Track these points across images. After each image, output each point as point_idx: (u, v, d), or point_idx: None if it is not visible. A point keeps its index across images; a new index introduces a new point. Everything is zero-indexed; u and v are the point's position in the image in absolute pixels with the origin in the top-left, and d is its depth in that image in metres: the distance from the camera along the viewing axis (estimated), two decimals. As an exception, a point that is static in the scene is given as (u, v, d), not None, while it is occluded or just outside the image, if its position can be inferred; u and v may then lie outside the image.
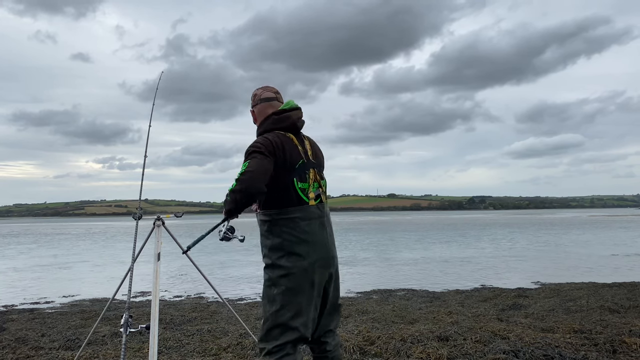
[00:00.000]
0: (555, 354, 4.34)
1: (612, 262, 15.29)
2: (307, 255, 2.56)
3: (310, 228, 2.58)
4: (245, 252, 21.89)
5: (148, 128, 3.78)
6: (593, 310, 6.73)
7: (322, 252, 2.61)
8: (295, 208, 2.58)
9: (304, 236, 2.57)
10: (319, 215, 2.64)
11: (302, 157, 2.65)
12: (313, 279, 2.57)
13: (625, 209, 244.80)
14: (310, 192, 2.63)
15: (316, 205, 2.63)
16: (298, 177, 2.61)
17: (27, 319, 7.43)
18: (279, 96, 2.84)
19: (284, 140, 2.62)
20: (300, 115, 2.74)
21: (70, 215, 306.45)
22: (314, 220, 2.60)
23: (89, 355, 4.72)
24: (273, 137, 2.59)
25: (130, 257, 3.43)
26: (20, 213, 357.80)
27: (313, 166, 2.69)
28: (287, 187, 2.58)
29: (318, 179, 2.70)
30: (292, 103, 2.76)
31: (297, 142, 2.68)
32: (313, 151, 2.75)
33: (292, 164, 2.59)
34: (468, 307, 7.43)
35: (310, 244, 2.57)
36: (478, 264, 15.27)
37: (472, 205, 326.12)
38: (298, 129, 2.73)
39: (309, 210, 2.59)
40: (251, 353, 4.71)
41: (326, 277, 2.64)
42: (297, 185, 2.59)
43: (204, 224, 74.44)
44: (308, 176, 2.64)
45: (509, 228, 42.38)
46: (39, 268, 16.73)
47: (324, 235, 2.64)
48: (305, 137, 2.78)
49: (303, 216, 2.58)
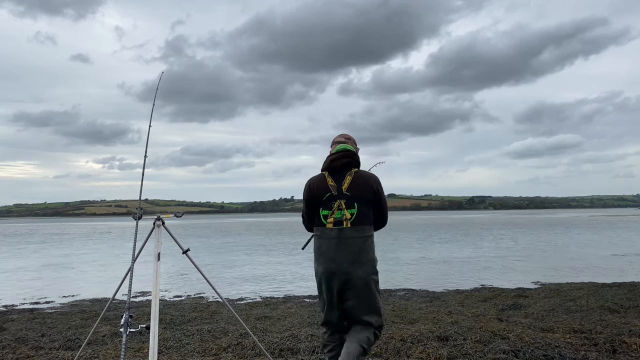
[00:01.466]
0: (555, 354, 4.34)
1: (612, 262, 15.29)
2: (319, 264, 3.38)
3: (324, 245, 3.35)
4: (246, 252, 21.90)
5: (148, 128, 3.78)
6: (593, 310, 6.73)
7: (329, 265, 3.31)
8: (318, 228, 3.42)
9: (319, 250, 3.39)
10: (334, 237, 3.31)
11: (330, 191, 3.39)
12: (321, 282, 3.38)
13: (625, 209, 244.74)
14: (330, 217, 3.35)
15: (332, 229, 3.33)
16: (323, 206, 3.39)
17: (27, 319, 7.43)
18: (342, 143, 3.56)
19: (319, 179, 3.47)
20: (336, 158, 3.45)
21: (70, 215, 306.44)
22: (330, 240, 3.32)
23: (89, 355, 4.73)
24: (311, 180, 3.51)
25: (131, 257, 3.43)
26: (20, 213, 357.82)
27: (342, 198, 3.35)
28: (316, 213, 3.43)
29: (343, 207, 3.33)
30: (339, 148, 3.50)
31: (331, 179, 3.41)
32: (351, 185, 3.37)
33: (319, 197, 3.41)
34: (468, 307, 7.43)
35: (323, 257, 3.35)
36: (478, 264, 15.27)
37: (472, 206, 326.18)
38: (334, 170, 3.45)
39: (325, 232, 3.35)
40: (251, 353, 4.71)
41: (336, 285, 3.30)
42: (321, 212, 3.40)
43: (204, 224, 74.45)
44: (332, 205, 3.36)
45: (509, 228, 42.38)
46: (46, 268, 16.73)
47: (336, 253, 3.29)
48: (349, 174, 3.41)
49: (321, 235, 3.39)
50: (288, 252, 21.78)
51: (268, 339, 5.12)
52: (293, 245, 26.21)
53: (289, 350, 4.77)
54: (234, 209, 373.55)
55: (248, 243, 28.70)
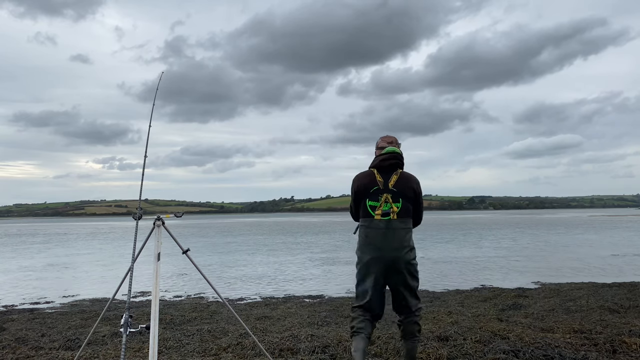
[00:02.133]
0: (555, 354, 4.34)
1: (612, 262, 15.29)
2: (365, 252, 3.70)
3: (372, 234, 3.68)
4: (246, 253, 21.90)
5: (148, 128, 3.78)
6: (593, 310, 6.72)
7: (377, 252, 3.65)
8: (365, 219, 3.74)
9: (367, 240, 3.70)
10: (382, 227, 3.67)
11: (377, 185, 3.74)
12: (368, 270, 3.70)
13: (625, 209, 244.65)
14: (378, 209, 3.69)
15: (381, 220, 3.68)
16: (370, 198, 3.73)
17: (27, 319, 7.43)
18: (389, 145, 3.90)
19: (367, 174, 3.83)
20: (385, 158, 3.80)
21: (71, 215, 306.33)
22: (377, 230, 3.67)
23: (89, 355, 4.73)
24: (360, 174, 3.88)
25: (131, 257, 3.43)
26: (20, 213, 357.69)
27: (388, 192, 3.72)
28: (363, 205, 3.76)
29: (390, 201, 3.70)
30: (389, 150, 3.84)
31: (379, 175, 3.78)
32: (397, 183, 3.75)
33: (366, 190, 3.75)
34: (468, 307, 7.43)
35: (370, 246, 3.68)
36: (478, 264, 15.27)
37: (472, 205, 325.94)
38: (382, 168, 3.81)
39: (374, 222, 3.69)
40: (251, 353, 4.71)
41: (382, 272, 3.67)
42: (367, 203, 3.73)
43: (204, 224, 74.44)
44: (380, 198, 3.71)
45: (509, 228, 42.39)
46: (50, 268, 16.73)
47: (383, 242, 3.65)
48: (395, 173, 3.78)
49: (369, 225, 3.71)
50: (288, 252, 21.78)
51: (268, 339, 5.11)
52: (294, 245, 26.22)
53: (289, 350, 4.77)
54: (234, 209, 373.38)
55: (248, 243, 28.70)
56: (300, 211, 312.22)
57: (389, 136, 4.02)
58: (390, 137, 4.01)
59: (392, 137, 4.01)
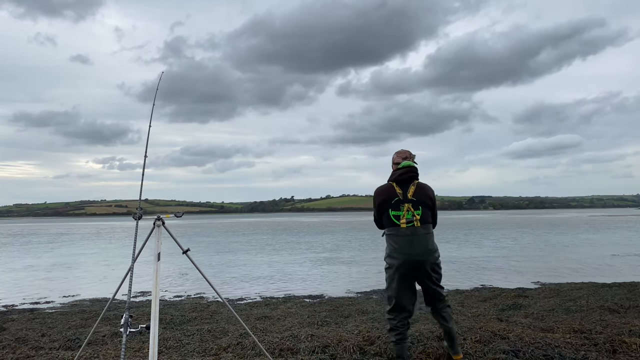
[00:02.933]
0: (555, 354, 4.35)
1: (612, 262, 15.29)
2: (396, 258, 4.10)
3: (400, 241, 4.09)
4: (246, 253, 21.90)
5: (148, 128, 3.78)
6: (593, 310, 6.72)
7: (407, 257, 4.07)
8: (392, 228, 4.15)
9: (396, 247, 4.10)
10: (408, 234, 4.08)
11: (397, 196, 4.16)
12: (400, 272, 4.09)
13: (625, 209, 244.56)
14: (402, 218, 4.11)
15: (407, 228, 4.09)
16: (392, 208, 4.15)
17: (27, 319, 7.43)
18: (405, 159, 4.32)
19: (387, 187, 4.27)
20: (402, 172, 4.23)
21: (71, 215, 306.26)
22: (404, 237, 4.09)
23: (89, 355, 4.73)
24: (381, 187, 4.32)
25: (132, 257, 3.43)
26: (20, 213, 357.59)
27: (408, 202, 4.15)
28: (386, 215, 4.18)
29: (412, 210, 4.12)
30: (405, 164, 4.26)
31: (398, 187, 4.21)
32: (415, 193, 4.18)
33: (388, 201, 4.18)
34: (468, 307, 7.43)
35: (400, 252, 4.08)
36: (478, 264, 15.27)
37: (472, 205, 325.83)
38: (401, 181, 4.24)
39: (400, 230, 4.10)
40: (251, 353, 4.71)
41: (412, 272, 4.10)
42: (390, 213, 4.15)
43: (204, 224, 74.44)
44: (402, 208, 4.13)
45: (509, 228, 42.38)
46: (55, 267, 16.73)
47: (410, 247, 4.07)
48: (413, 184, 4.21)
49: (396, 234, 4.12)
50: (289, 251, 21.78)
51: (268, 339, 5.11)
52: (295, 245, 26.22)
53: (289, 350, 4.77)
54: (234, 209, 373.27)
55: (251, 242, 28.70)
56: (300, 211, 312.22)
57: (404, 151, 4.43)
58: (405, 151, 4.41)
59: (406, 151, 4.41)
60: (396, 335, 4.12)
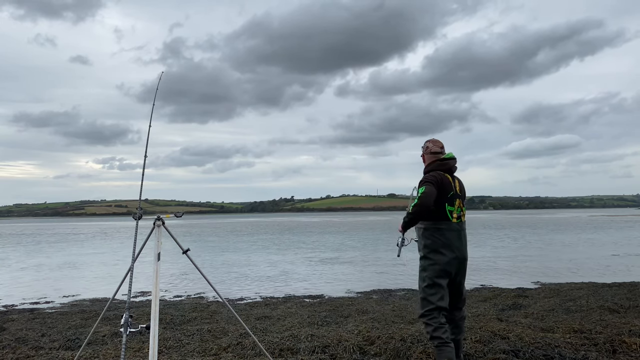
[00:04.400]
0: (555, 354, 4.35)
1: (612, 262, 15.29)
2: (446, 254, 3.92)
3: (450, 236, 3.95)
4: (246, 253, 21.90)
5: (148, 128, 3.78)
6: (593, 310, 6.72)
7: (455, 253, 3.94)
8: (443, 222, 3.95)
9: (446, 241, 3.93)
10: (458, 229, 3.99)
11: (453, 189, 4.01)
12: (447, 269, 3.92)
13: (625, 209, 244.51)
14: (454, 213, 3.98)
15: (457, 223, 3.99)
16: (448, 202, 3.97)
17: (27, 319, 7.43)
18: (443, 150, 4.17)
19: (443, 177, 4.01)
20: (454, 163, 4.12)
21: (71, 215, 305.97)
22: (454, 232, 3.97)
23: (89, 355, 4.73)
24: (437, 174, 4.01)
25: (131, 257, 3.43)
26: (20, 213, 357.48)
27: (459, 197, 4.04)
28: (441, 207, 3.94)
29: (461, 206, 4.04)
30: (451, 154, 4.13)
31: (451, 179, 4.03)
32: (460, 187, 4.09)
33: (445, 193, 3.96)
34: (468, 307, 7.41)
35: (449, 247, 3.93)
36: (478, 264, 15.27)
37: (471, 205, 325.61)
38: (452, 172, 4.12)
39: (451, 225, 3.96)
40: (251, 353, 4.71)
41: (456, 270, 3.96)
42: (446, 208, 3.96)
43: (204, 224, 74.42)
44: (455, 203, 3.99)
45: (509, 228, 42.39)
46: (61, 267, 16.73)
47: (459, 243, 3.97)
48: (455, 178, 4.11)
49: (447, 228, 3.95)
50: (289, 251, 21.78)
51: (268, 339, 5.12)
52: (296, 244, 26.22)
53: (289, 350, 4.77)
54: (234, 209, 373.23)
55: (252, 242, 28.70)
56: (300, 211, 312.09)
57: (438, 140, 4.23)
58: (439, 141, 4.22)
59: (440, 141, 4.22)
60: (444, 333, 3.80)
